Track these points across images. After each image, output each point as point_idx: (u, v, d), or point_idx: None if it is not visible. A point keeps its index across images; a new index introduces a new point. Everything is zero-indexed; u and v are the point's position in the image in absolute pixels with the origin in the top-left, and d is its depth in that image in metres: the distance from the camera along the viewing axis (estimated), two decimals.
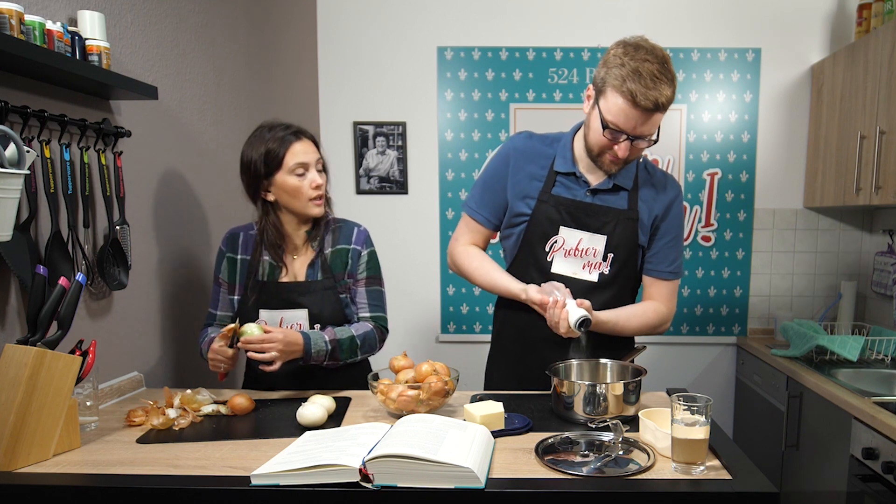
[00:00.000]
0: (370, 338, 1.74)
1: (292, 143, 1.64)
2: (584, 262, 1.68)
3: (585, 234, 1.67)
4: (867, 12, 2.73)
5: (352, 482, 1.10)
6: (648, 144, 1.59)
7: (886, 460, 1.84)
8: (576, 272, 1.69)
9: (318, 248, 1.74)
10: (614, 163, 1.61)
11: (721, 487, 1.11)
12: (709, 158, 3.09)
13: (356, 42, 3.12)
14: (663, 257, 1.70)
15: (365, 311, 1.77)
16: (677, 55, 3.04)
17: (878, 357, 2.59)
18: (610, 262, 1.67)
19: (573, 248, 1.68)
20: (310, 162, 1.66)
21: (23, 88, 1.39)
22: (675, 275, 1.72)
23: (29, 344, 1.23)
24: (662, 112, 1.53)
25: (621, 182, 1.67)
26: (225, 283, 1.77)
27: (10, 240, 1.24)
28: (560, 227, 1.68)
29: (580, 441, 1.32)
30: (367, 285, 1.78)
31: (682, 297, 3.17)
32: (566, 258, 1.69)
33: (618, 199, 1.68)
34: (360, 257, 1.76)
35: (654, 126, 1.55)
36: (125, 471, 1.19)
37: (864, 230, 3.10)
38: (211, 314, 1.81)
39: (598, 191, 1.67)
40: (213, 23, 2.18)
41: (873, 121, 2.50)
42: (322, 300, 1.71)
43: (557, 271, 1.70)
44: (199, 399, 1.53)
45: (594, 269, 1.68)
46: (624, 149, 1.56)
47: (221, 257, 1.77)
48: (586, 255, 1.68)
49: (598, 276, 1.68)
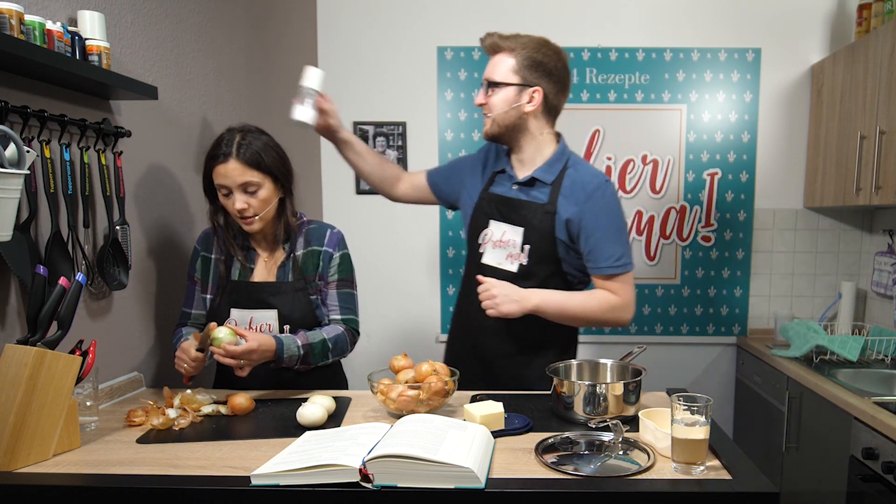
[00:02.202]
0: (341, 341, 1.74)
1: (214, 167, 1.62)
2: (507, 253, 1.77)
3: (508, 226, 1.77)
4: (867, 12, 2.73)
5: (352, 482, 1.10)
6: (488, 90, 1.73)
7: (886, 460, 1.84)
8: (500, 262, 1.78)
9: (289, 249, 1.74)
10: (484, 121, 1.78)
11: (721, 487, 1.11)
12: (709, 158, 3.09)
13: (356, 42, 3.12)
14: (599, 253, 1.70)
15: (336, 314, 1.77)
16: (677, 55, 3.04)
17: (878, 357, 2.59)
18: (528, 253, 1.74)
19: (498, 240, 1.78)
20: (231, 186, 1.61)
21: (23, 88, 1.39)
22: (619, 268, 1.70)
23: (29, 344, 1.23)
24: (496, 54, 1.72)
25: (540, 175, 1.75)
26: (199, 282, 1.77)
27: (10, 240, 1.24)
28: (490, 221, 1.80)
29: (580, 441, 1.31)
30: (339, 287, 1.78)
31: (683, 297, 3.17)
32: (493, 249, 1.79)
33: (540, 193, 1.75)
34: (332, 259, 1.76)
35: (493, 70, 1.72)
36: (125, 471, 1.19)
37: (864, 230, 3.09)
38: (185, 313, 1.80)
39: (521, 184, 1.77)
40: (213, 23, 2.18)
41: (873, 121, 2.50)
42: (292, 301, 1.71)
43: (486, 262, 1.80)
44: (199, 399, 1.53)
45: (515, 259, 1.76)
46: (478, 95, 1.76)
47: (196, 256, 1.78)
48: (508, 245, 1.77)
49: (518, 267, 1.76)
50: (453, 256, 3.18)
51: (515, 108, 1.71)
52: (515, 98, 1.70)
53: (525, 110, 1.71)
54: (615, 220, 1.72)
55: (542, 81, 1.70)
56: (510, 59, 1.70)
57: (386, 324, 3.26)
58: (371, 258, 3.18)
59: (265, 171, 1.64)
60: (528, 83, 1.69)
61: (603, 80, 3.07)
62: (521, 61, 1.69)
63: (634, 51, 3.05)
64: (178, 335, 1.75)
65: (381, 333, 3.25)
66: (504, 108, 1.71)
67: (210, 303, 1.76)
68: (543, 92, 1.70)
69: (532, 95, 1.70)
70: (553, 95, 1.73)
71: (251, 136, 1.64)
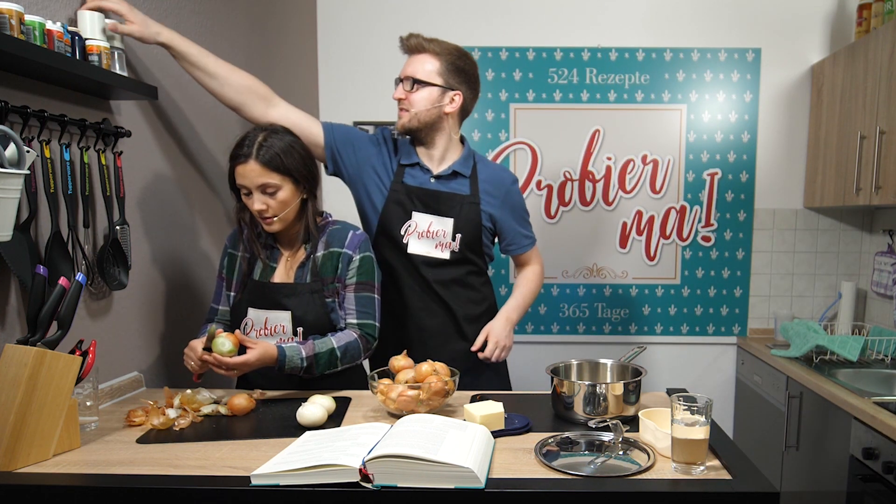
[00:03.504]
0: (352, 348, 1.69)
1: (235, 167, 1.63)
2: (437, 242, 1.90)
3: (435, 217, 1.89)
4: (867, 12, 2.73)
5: (352, 482, 1.10)
6: (411, 87, 1.84)
7: (886, 460, 1.84)
8: (429, 251, 1.90)
9: (310, 250, 1.72)
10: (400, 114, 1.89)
11: (721, 487, 1.11)
12: (709, 158, 3.09)
13: (356, 42, 3.12)
14: (520, 238, 2.02)
15: (352, 318, 1.73)
16: (677, 55, 3.04)
17: (878, 357, 2.59)
18: (459, 241, 1.90)
19: (425, 231, 1.90)
20: (250, 186, 1.62)
21: (23, 88, 1.39)
22: (533, 242, 2.06)
23: (29, 344, 1.23)
24: (420, 53, 1.84)
25: (459, 168, 1.92)
26: (226, 279, 1.79)
27: (10, 240, 1.24)
28: (412, 213, 1.89)
29: (580, 441, 1.32)
30: (357, 291, 1.73)
31: (683, 297, 3.17)
32: (420, 239, 1.90)
33: (459, 184, 1.92)
34: (351, 262, 1.72)
35: (416, 68, 1.84)
36: (125, 471, 1.19)
37: (864, 230, 3.09)
38: (212, 308, 1.82)
39: (440, 177, 1.91)
40: (213, 23, 2.18)
41: (873, 121, 2.50)
42: (307, 303, 1.69)
43: (413, 251, 1.90)
44: (199, 399, 1.53)
45: (445, 248, 1.91)
46: (397, 91, 1.87)
47: (225, 253, 1.80)
48: (437, 235, 1.90)
49: (450, 254, 1.91)
50: None
51: (437, 107, 1.86)
52: (438, 98, 1.85)
53: (445, 111, 1.87)
54: (525, 211, 2.03)
55: (462, 87, 1.87)
56: (435, 61, 1.84)
57: None
58: None
59: (285, 173, 1.62)
60: (451, 87, 1.86)
61: (603, 80, 3.07)
62: (445, 66, 1.84)
63: (634, 51, 3.05)
64: (203, 330, 1.76)
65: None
66: (426, 106, 1.85)
67: (233, 300, 1.76)
68: (463, 96, 1.87)
69: (453, 98, 1.87)
70: (469, 101, 1.91)
71: (274, 138, 1.63)
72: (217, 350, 1.53)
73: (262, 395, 1.66)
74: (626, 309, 3.19)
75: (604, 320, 3.20)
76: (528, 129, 3.08)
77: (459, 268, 1.92)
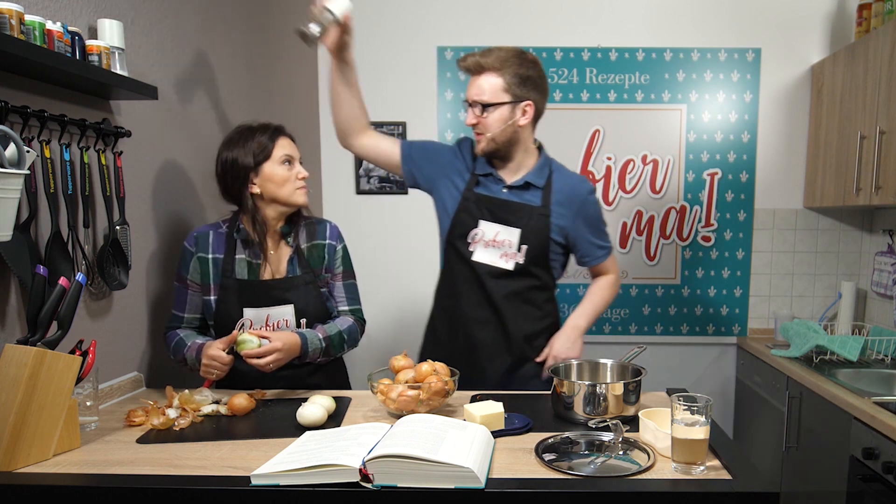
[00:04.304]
0: (353, 331, 1.81)
1: (280, 137, 1.73)
2: (502, 252, 1.85)
3: (501, 227, 1.85)
4: (867, 12, 2.73)
5: (352, 482, 1.10)
6: (482, 112, 1.78)
7: (886, 460, 1.84)
8: (493, 261, 1.85)
9: (294, 243, 1.76)
10: (477, 138, 1.84)
11: (721, 487, 1.11)
12: (709, 158, 3.09)
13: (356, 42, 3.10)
14: (595, 251, 1.93)
15: (344, 305, 1.84)
16: (677, 55, 3.04)
17: (878, 357, 2.59)
18: (524, 252, 1.84)
19: (492, 240, 1.85)
20: (294, 156, 1.74)
21: (23, 88, 1.39)
22: (608, 252, 1.97)
23: (29, 344, 1.23)
24: (481, 74, 1.77)
25: (532, 179, 1.86)
26: (195, 285, 1.74)
27: (10, 240, 1.24)
28: (479, 221, 1.86)
29: (580, 441, 1.32)
30: (344, 279, 1.84)
31: (683, 297, 3.17)
32: (486, 248, 1.86)
33: (532, 196, 1.86)
34: (336, 252, 1.82)
35: (481, 91, 1.77)
36: (125, 471, 1.19)
37: (864, 230, 3.10)
38: (177, 316, 1.76)
39: (512, 188, 1.86)
40: (213, 23, 2.18)
41: (873, 121, 2.50)
42: (306, 295, 1.75)
43: (478, 259, 1.86)
44: (198, 399, 1.53)
45: (510, 258, 1.85)
46: (469, 117, 1.81)
47: (189, 258, 1.73)
48: (503, 245, 1.85)
49: (514, 265, 1.85)
50: None
51: (511, 124, 1.79)
52: (510, 115, 1.78)
53: (520, 124, 1.81)
54: (601, 221, 1.94)
55: (531, 94, 1.79)
56: (497, 78, 1.77)
57: (386, 324, 3.25)
58: (370, 258, 3.18)
59: None
60: (520, 98, 1.78)
61: (603, 80, 3.07)
62: (510, 78, 1.76)
63: (634, 51, 3.05)
64: (173, 338, 1.73)
65: (381, 333, 3.25)
66: (500, 127, 1.79)
67: (216, 304, 1.72)
68: (534, 104, 1.80)
69: (525, 109, 1.79)
70: (540, 104, 1.83)
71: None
72: (247, 348, 1.58)
73: (262, 395, 1.66)
74: (626, 309, 3.19)
75: (604, 320, 3.20)
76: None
77: (522, 280, 1.86)
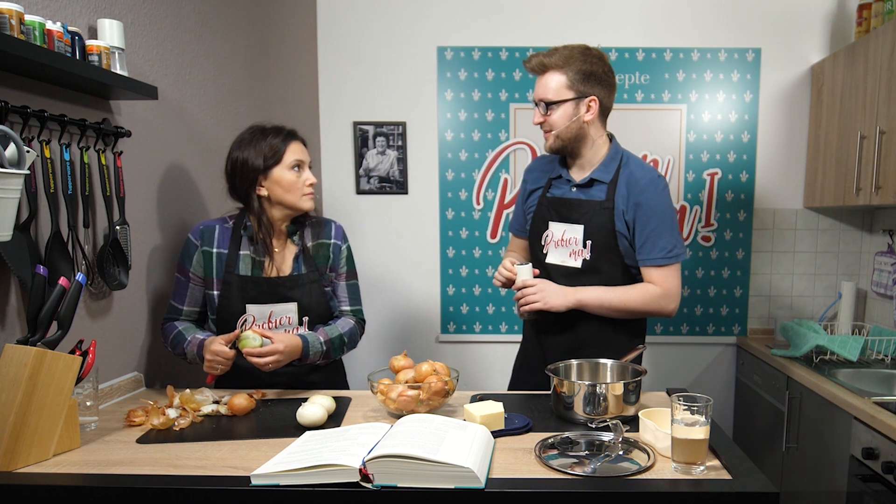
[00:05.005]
0: (354, 334, 1.83)
1: (292, 142, 1.73)
2: (570, 251, 1.84)
3: (567, 225, 1.84)
4: (867, 12, 2.73)
5: (352, 482, 1.10)
6: (546, 111, 1.78)
7: (886, 460, 1.84)
8: (564, 260, 1.85)
9: (299, 242, 1.78)
10: (545, 136, 1.83)
11: (721, 487, 1.11)
12: (709, 158, 3.09)
13: (356, 42, 3.12)
14: (652, 245, 1.76)
15: (346, 305, 1.86)
16: (677, 55, 3.04)
17: (878, 357, 2.59)
18: (590, 248, 1.80)
19: (560, 239, 1.85)
20: (305, 161, 1.75)
21: (23, 88, 1.39)
22: (668, 259, 1.77)
23: (29, 344, 1.23)
24: (545, 73, 1.77)
25: (598, 176, 1.82)
26: (197, 278, 1.75)
27: (10, 240, 1.24)
28: (549, 223, 1.87)
29: (580, 441, 1.32)
30: (347, 279, 1.87)
31: (683, 297, 3.16)
32: (556, 248, 1.87)
33: (597, 191, 1.82)
34: (341, 252, 1.84)
35: (546, 89, 1.77)
36: (125, 471, 1.19)
37: (864, 230, 3.09)
38: (175, 308, 1.77)
39: (580, 186, 1.84)
40: (213, 23, 2.18)
41: (873, 121, 2.50)
42: (310, 293, 1.76)
43: (551, 261, 1.87)
44: (199, 399, 1.53)
45: (578, 256, 1.83)
46: (536, 116, 1.82)
47: (193, 250, 1.74)
48: (570, 244, 1.84)
49: (582, 262, 1.82)
50: (453, 256, 3.18)
51: (575, 120, 1.78)
52: (574, 111, 1.77)
53: (585, 119, 1.78)
54: (667, 213, 1.78)
55: (595, 89, 1.76)
56: (560, 76, 1.75)
57: (386, 324, 3.26)
58: (371, 258, 3.18)
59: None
60: (584, 94, 1.76)
61: None
62: (572, 76, 1.75)
63: (634, 51, 3.05)
64: (172, 330, 1.73)
65: (381, 333, 3.25)
66: (565, 123, 1.78)
67: (219, 299, 1.73)
68: (598, 99, 1.77)
69: (589, 105, 1.77)
70: (606, 99, 1.80)
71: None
72: (249, 346, 1.59)
73: (262, 395, 1.66)
74: None
75: None
76: (528, 129, 3.08)
77: (592, 277, 1.80)
